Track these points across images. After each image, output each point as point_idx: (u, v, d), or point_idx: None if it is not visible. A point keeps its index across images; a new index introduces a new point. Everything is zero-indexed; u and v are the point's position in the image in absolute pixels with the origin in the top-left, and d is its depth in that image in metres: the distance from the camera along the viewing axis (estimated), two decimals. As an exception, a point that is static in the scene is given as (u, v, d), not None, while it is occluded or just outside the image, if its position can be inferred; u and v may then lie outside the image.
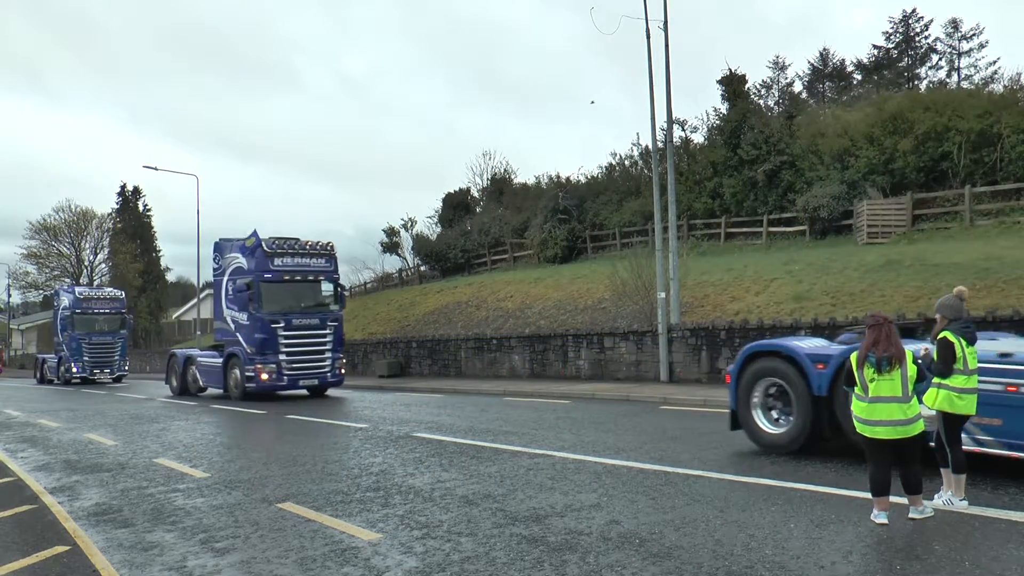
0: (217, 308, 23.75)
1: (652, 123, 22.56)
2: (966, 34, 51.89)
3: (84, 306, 38.89)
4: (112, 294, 40.86)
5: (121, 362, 39.81)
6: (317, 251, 22.72)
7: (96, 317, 39.05)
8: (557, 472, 9.25)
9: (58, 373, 39.76)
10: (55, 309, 41.78)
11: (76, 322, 38.35)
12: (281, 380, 21.58)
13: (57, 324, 40.39)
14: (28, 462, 11.90)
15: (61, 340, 39.52)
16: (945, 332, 6.98)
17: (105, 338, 39.02)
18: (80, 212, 75.93)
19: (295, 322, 21.77)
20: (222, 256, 23.73)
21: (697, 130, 42.81)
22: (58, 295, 41.85)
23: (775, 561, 5.53)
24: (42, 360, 43.57)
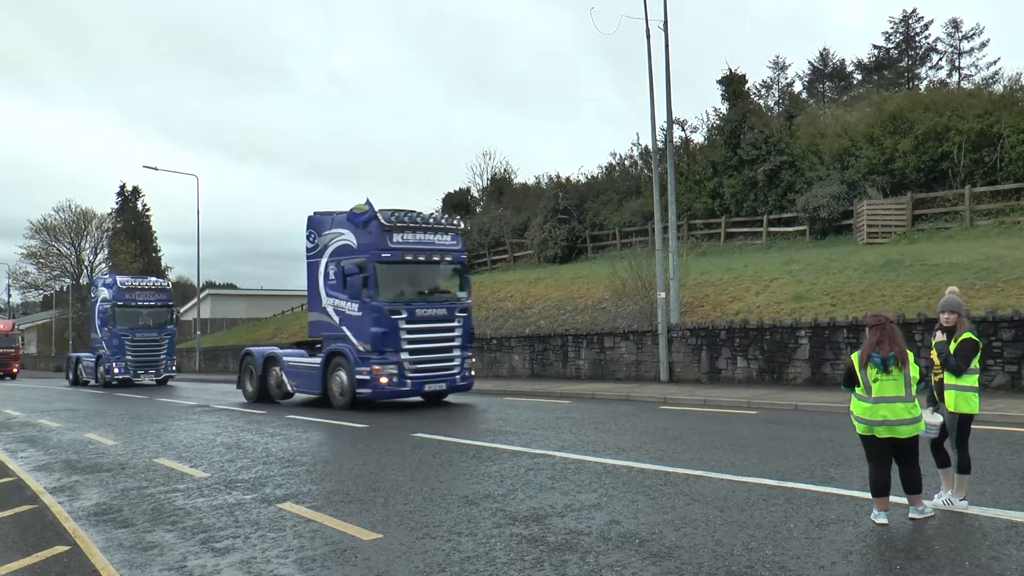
0: (313, 297, 19.62)
1: (652, 123, 22.56)
2: (967, 34, 51.94)
3: (126, 298, 33.79)
4: (158, 284, 35.54)
5: (168, 362, 34.71)
6: (443, 226, 18.54)
7: (140, 310, 34.13)
8: (557, 472, 9.25)
9: (96, 374, 35.02)
10: (92, 302, 36.91)
11: (117, 316, 33.40)
12: (403, 384, 17.38)
13: (95, 319, 35.51)
14: (28, 462, 11.90)
15: (100, 337, 34.52)
16: (969, 333, 6.92)
17: (150, 334, 33.97)
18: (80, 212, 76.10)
19: (420, 312, 17.62)
20: (319, 233, 19.48)
21: (697, 130, 42.87)
22: (95, 285, 37.32)
23: (775, 561, 5.53)
24: (76, 359, 38.36)
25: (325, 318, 18.79)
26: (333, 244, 18.74)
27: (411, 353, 17.34)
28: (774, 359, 19.11)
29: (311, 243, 19.66)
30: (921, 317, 16.49)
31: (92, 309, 36.57)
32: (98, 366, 34.63)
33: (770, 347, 19.22)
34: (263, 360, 21.33)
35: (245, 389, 22.18)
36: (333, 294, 18.43)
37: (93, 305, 36.35)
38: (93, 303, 36.37)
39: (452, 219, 19.01)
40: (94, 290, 36.86)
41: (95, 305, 35.77)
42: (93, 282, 38.08)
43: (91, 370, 35.91)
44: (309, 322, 19.94)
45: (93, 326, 35.95)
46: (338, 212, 19.08)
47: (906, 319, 16.60)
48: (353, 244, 18.04)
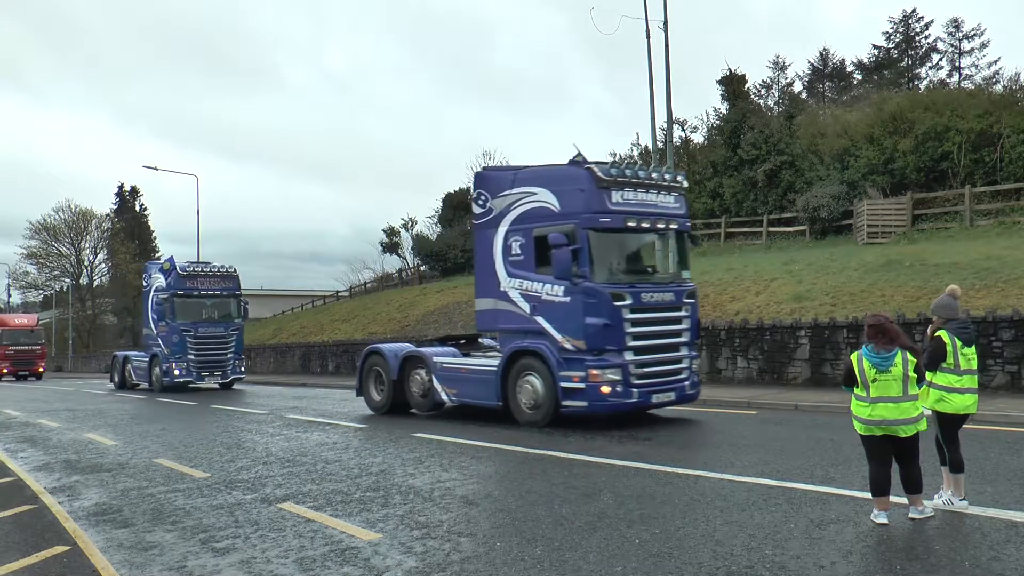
0: (485, 276, 14.72)
1: (652, 123, 22.58)
2: (967, 34, 51.90)
3: (188, 286, 28.30)
4: (224, 270, 29.63)
5: (236, 361, 29.10)
6: (668, 184, 14.08)
7: (203, 301, 28.69)
8: (557, 472, 9.24)
9: (149, 376, 29.40)
10: (144, 291, 30.97)
11: (177, 308, 27.95)
12: (628, 395, 12.81)
13: (148, 311, 29.99)
14: (28, 462, 11.91)
15: (155, 332, 28.98)
16: (940, 331, 6.98)
17: (215, 329, 28.50)
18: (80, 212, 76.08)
19: (646, 298, 13.19)
20: (491, 195, 14.68)
21: (697, 130, 42.89)
22: (147, 272, 31.10)
23: (775, 561, 5.53)
24: (123, 359, 32.38)
25: (506, 306, 14.14)
26: (519, 206, 14.14)
27: (636, 352, 13.00)
28: (774, 359, 19.12)
29: (481, 207, 14.94)
30: (921, 317, 16.47)
31: (144, 300, 30.98)
32: (152, 367, 29.16)
33: (770, 347, 19.23)
34: (398, 360, 16.57)
35: (370, 397, 17.48)
36: (518, 272, 13.93)
37: (145, 296, 30.75)
38: (145, 293, 30.72)
39: (677, 175, 14.54)
40: (145, 278, 31.01)
41: (147, 296, 30.20)
42: (145, 268, 31.63)
43: (143, 372, 30.15)
44: (478, 311, 15.08)
45: (145, 320, 30.58)
46: (523, 166, 15.14)
47: (906, 319, 16.59)
48: (554, 206, 13.51)
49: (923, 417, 6.53)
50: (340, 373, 35.67)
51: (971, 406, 6.92)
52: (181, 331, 27.69)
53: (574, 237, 12.89)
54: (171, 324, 27.80)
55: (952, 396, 6.83)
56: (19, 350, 50.81)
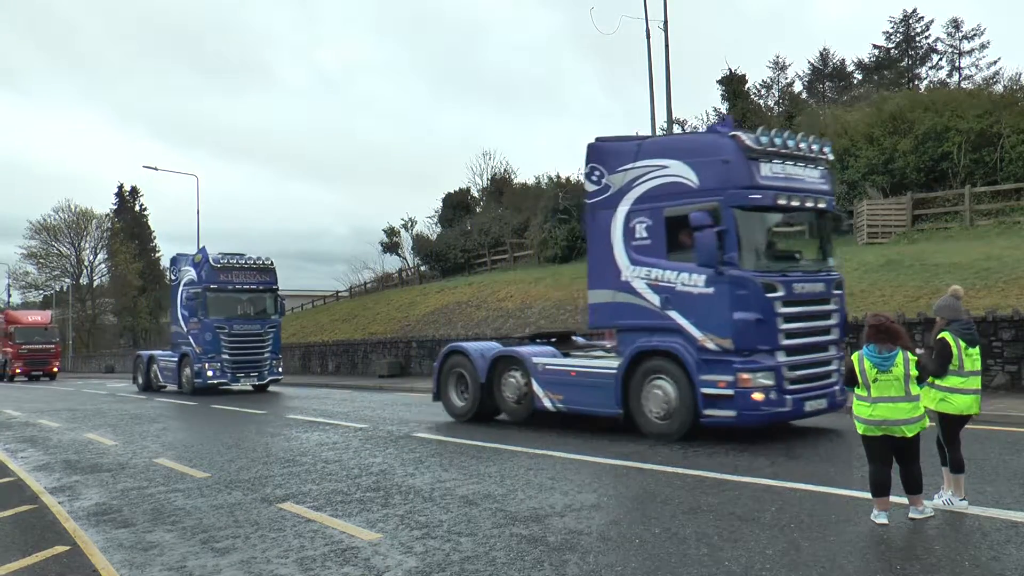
0: (601, 264, 12.72)
1: (652, 123, 22.59)
2: (967, 34, 51.95)
3: (222, 280, 25.81)
4: (260, 262, 26.98)
5: (273, 362, 26.64)
6: (815, 155, 12.14)
7: (239, 296, 26.21)
8: (557, 472, 9.25)
9: (178, 378, 26.95)
10: (173, 286, 28.63)
11: (210, 304, 25.53)
12: (782, 402, 10.90)
13: (177, 307, 27.54)
14: (28, 462, 11.91)
15: (185, 330, 26.71)
16: (944, 332, 6.97)
17: (251, 326, 26.09)
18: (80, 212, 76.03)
19: (798, 289, 11.30)
20: (609, 169, 12.66)
21: (697, 130, 42.85)
22: (175, 265, 28.52)
23: (775, 561, 5.53)
24: (147, 359, 29.96)
25: (628, 298, 12.18)
26: (643, 183, 12.14)
27: (789, 352, 11.12)
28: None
29: (595, 183, 12.92)
30: (921, 317, 16.49)
31: (172, 296, 28.41)
32: (182, 368, 26.78)
33: (770, 347, 19.17)
34: (490, 362, 14.53)
35: (450, 402, 15.44)
36: (646, 260, 11.95)
37: (174, 291, 28.21)
38: (174, 288, 28.17)
39: (824, 145, 12.50)
40: (174, 271, 28.43)
41: (176, 290, 27.78)
42: (173, 261, 28.86)
43: (171, 372, 27.53)
44: (591, 305, 13.14)
45: (174, 317, 27.99)
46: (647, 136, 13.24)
47: (906, 319, 16.60)
48: (691, 181, 11.53)
49: (925, 416, 6.53)
50: (340, 373, 35.70)
51: (973, 407, 6.92)
52: (214, 328, 25.28)
53: (719, 217, 10.98)
54: (203, 321, 25.34)
55: (954, 397, 6.83)
56: (32, 349, 48.07)
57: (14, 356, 47.49)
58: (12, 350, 47.71)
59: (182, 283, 27.24)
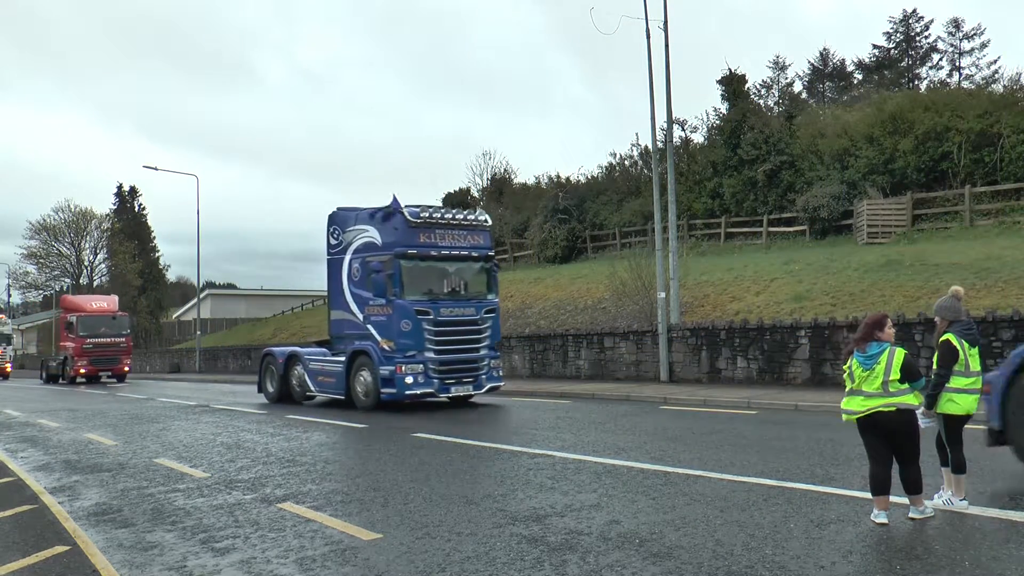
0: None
1: (652, 123, 22.57)
2: (967, 34, 51.91)
3: (422, 242, 17.62)
4: (471, 218, 18.66)
5: (492, 361, 18.30)
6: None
7: (446, 266, 17.93)
8: (557, 472, 9.25)
9: (346, 385, 18.28)
10: (333, 255, 19.45)
11: (407, 276, 17.27)
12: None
13: (346, 285, 18.80)
14: (28, 462, 11.90)
15: (361, 318, 18.15)
16: (948, 334, 6.95)
17: (465, 310, 17.88)
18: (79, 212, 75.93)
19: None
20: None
21: (697, 130, 42.85)
22: (340, 224, 19.35)
23: (775, 561, 5.53)
24: (284, 358, 20.92)
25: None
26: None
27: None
28: (774, 359, 19.11)
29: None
30: (921, 317, 16.50)
31: (333, 268, 19.29)
32: (354, 371, 18.09)
33: (770, 347, 19.22)
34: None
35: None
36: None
37: (335, 263, 19.23)
38: (335, 258, 19.29)
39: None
40: (333, 233, 19.47)
41: (340, 263, 19.02)
42: (332, 219, 19.72)
43: (333, 377, 18.88)
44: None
45: (336, 299, 19.23)
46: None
47: (906, 319, 16.61)
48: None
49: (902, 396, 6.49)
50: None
51: (974, 406, 6.93)
52: (415, 314, 17.01)
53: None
54: (397, 303, 17.08)
55: (960, 397, 6.83)
56: (99, 344, 38.45)
57: (76, 353, 38.17)
58: (74, 345, 38.41)
59: (351, 250, 18.70)
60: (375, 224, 18.11)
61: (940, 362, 6.87)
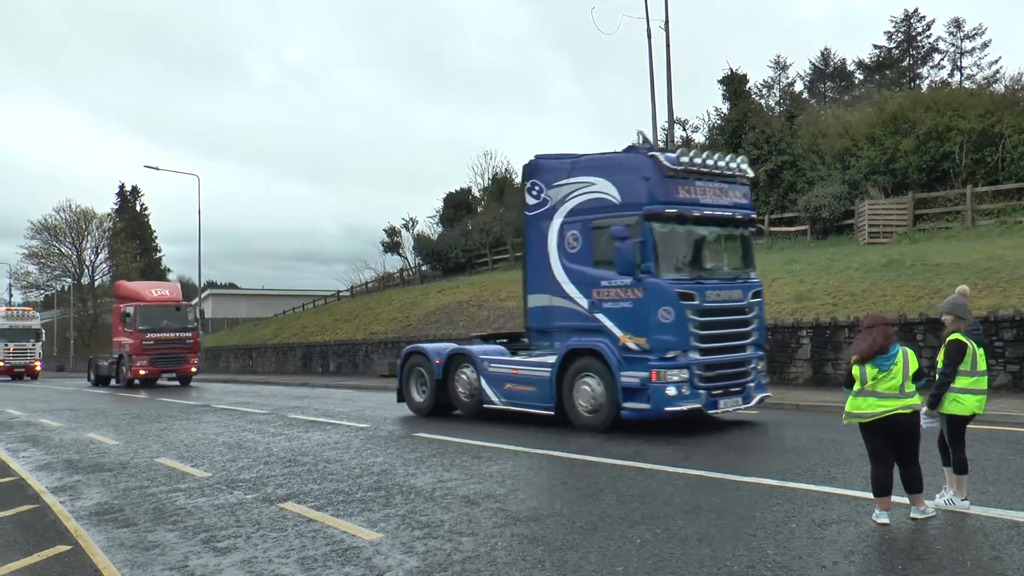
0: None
1: (653, 122, 22.59)
2: (969, 33, 51.93)
3: (682, 199, 12.41)
4: (734, 168, 13.18)
5: (758, 364, 13.32)
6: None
7: (708, 232, 13.01)
8: (558, 472, 9.25)
9: (554, 392, 13.20)
10: (539, 213, 14.05)
11: (663, 245, 12.22)
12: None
13: (555, 257, 13.64)
14: (30, 462, 11.91)
15: (585, 305, 13.02)
16: (957, 334, 6.92)
17: (732, 292, 12.79)
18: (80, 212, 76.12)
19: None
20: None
21: (698, 130, 42.89)
22: (546, 175, 14.06)
23: (777, 561, 5.53)
24: (445, 358, 15.60)
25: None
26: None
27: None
28: (775, 359, 19.09)
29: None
30: (923, 317, 16.49)
31: (536, 238, 14.20)
32: (570, 378, 13.12)
33: (771, 347, 19.18)
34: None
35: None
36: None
37: (540, 225, 14.04)
38: (538, 217, 14.10)
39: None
40: (534, 190, 14.24)
41: (548, 226, 13.85)
42: (535, 171, 14.21)
43: (535, 387, 13.68)
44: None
45: (545, 278, 13.84)
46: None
47: (907, 319, 16.60)
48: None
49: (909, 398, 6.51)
50: (342, 373, 35.71)
51: (979, 406, 6.92)
52: (678, 299, 11.96)
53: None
54: (650, 283, 12.10)
55: (966, 398, 6.82)
56: (162, 340, 32.02)
57: (135, 351, 31.64)
58: (133, 341, 31.68)
59: (564, 211, 13.50)
60: (608, 174, 13.02)
61: (946, 361, 6.83)
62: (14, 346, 47.89)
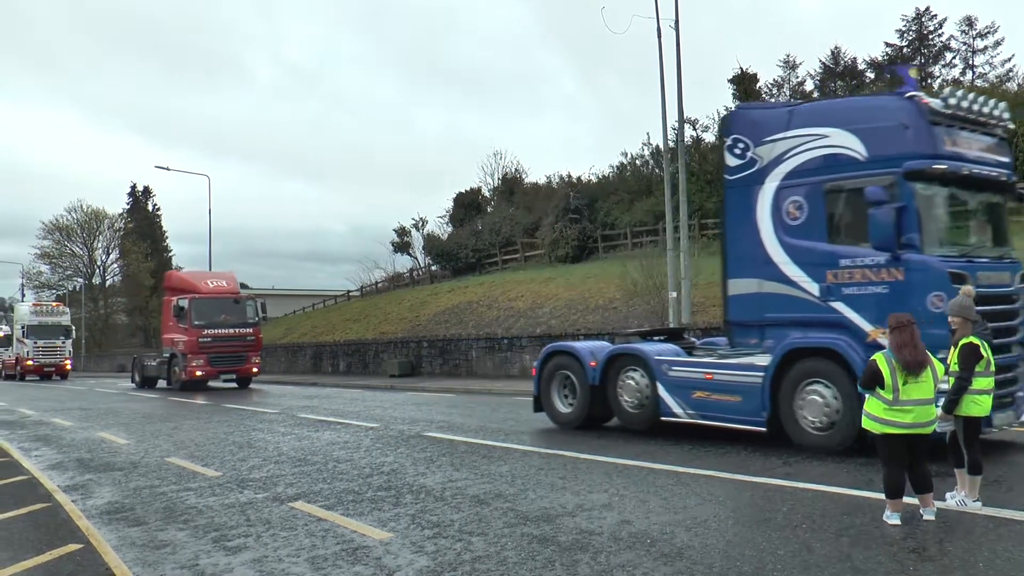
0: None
1: (663, 122, 22.52)
2: (981, 32, 51.61)
3: (950, 154, 9.64)
4: (997, 116, 11.03)
5: None
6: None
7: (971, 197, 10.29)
8: (568, 472, 9.24)
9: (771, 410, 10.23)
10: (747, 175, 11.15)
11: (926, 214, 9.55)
12: None
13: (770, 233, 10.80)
14: (42, 460, 11.97)
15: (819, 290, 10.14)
16: (971, 337, 6.86)
17: (1001, 276, 10.05)
18: (92, 212, 76.45)
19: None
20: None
21: (708, 129, 42.70)
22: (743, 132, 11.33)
23: (786, 562, 5.51)
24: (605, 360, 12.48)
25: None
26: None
27: None
28: (786, 359, 18.96)
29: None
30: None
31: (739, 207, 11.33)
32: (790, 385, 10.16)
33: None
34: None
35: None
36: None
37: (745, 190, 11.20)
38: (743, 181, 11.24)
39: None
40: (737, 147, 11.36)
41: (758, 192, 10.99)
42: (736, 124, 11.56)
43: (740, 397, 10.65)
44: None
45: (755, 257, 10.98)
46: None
47: (919, 319, 16.47)
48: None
49: (938, 419, 6.52)
50: (351, 372, 35.78)
51: (990, 406, 6.91)
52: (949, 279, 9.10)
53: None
54: (914, 262, 9.41)
55: (983, 399, 6.79)
56: (220, 336, 28.32)
57: (190, 349, 27.97)
58: (188, 339, 28.04)
59: (780, 172, 10.83)
60: (846, 122, 10.32)
61: (963, 365, 6.73)
62: (43, 344, 45.39)
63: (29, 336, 45.39)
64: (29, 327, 45.54)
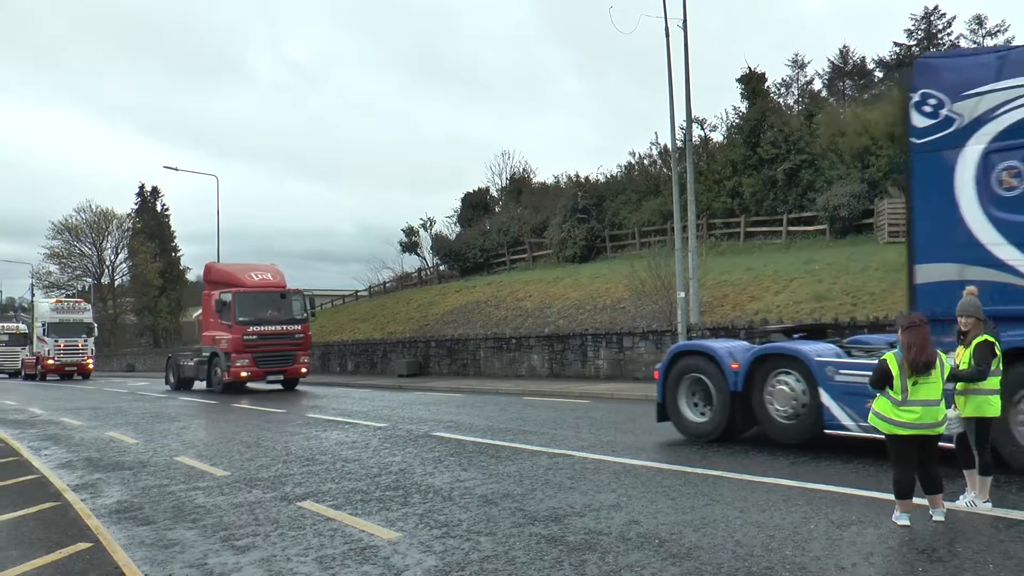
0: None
1: (671, 121, 22.47)
2: (991, 30, 51.37)
3: None
4: None
5: None
6: None
7: None
8: (576, 472, 9.23)
9: None
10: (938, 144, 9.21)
11: None
12: None
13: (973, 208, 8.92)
14: (51, 459, 12.02)
15: None
16: (986, 335, 6.83)
17: None
18: (101, 212, 76.75)
19: None
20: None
21: (716, 129, 42.68)
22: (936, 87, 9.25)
23: (795, 562, 5.50)
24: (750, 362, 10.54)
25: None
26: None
27: None
28: (794, 359, 18.90)
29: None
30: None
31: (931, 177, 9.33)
32: None
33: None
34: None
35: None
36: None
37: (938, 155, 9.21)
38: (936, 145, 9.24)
39: None
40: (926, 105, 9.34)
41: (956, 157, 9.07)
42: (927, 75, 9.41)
43: None
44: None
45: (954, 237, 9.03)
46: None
47: (928, 319, 16.42)
48: None
49: (947, 420, 6.49)
50: (359, 372, 35.83)
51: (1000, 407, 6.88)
52: None
53: None
54: None
55: (995, 399, 6.76)
56: (267, 334, 25.58)
57: (235, 348, 25.24)
58: (232, 336, 25.33)
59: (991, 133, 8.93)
60: None
61: (980, 358, 6.71)
62: (64, 342, 43.76)
63: (50, 334, 43.93)
64: (50, 325, 44.10)
